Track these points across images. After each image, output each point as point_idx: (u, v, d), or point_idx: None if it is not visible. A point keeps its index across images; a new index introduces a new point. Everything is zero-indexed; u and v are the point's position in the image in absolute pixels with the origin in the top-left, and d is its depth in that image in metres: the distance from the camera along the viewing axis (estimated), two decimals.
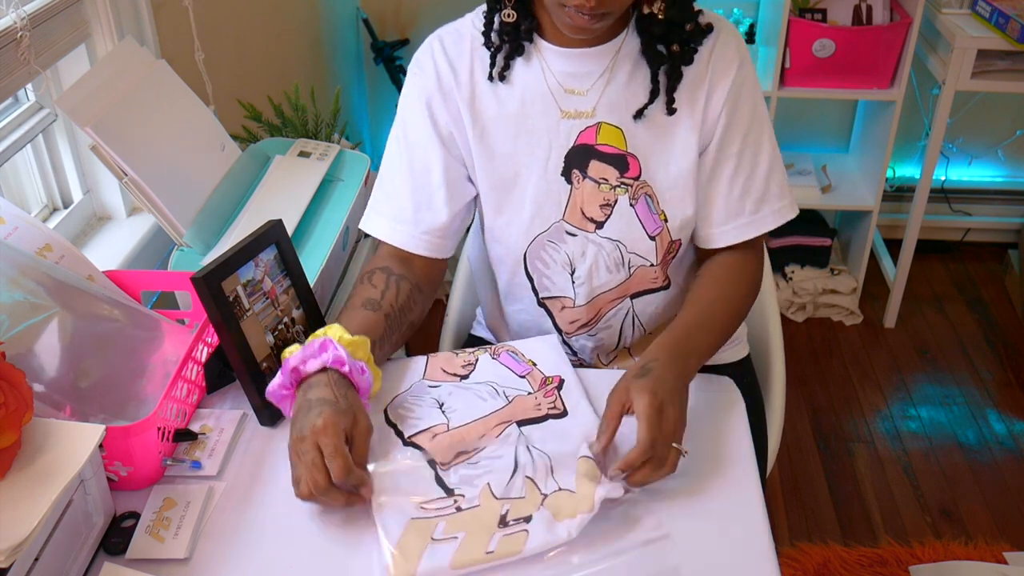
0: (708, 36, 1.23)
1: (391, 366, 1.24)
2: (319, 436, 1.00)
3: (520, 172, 1.27)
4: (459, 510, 1.01)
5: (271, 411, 1.16)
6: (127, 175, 1.33)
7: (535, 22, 1.24)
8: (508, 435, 1.11)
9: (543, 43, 1.24)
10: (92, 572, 0.98)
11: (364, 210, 1.34)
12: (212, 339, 1.20)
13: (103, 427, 0.95)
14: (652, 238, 1.27)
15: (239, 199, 1.49)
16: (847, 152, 3.03)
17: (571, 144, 1.25)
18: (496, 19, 1.23)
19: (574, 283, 1.31)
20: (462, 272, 1.60)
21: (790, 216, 1.30)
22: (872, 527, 2.16)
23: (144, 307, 1.23)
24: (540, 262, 1.31)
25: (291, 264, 1.22)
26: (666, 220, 1.27)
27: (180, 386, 1.12)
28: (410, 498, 1.03)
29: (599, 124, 1.24)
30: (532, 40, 1.25)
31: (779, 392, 1.53)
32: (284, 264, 1.22)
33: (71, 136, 1.54)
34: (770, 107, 2.55)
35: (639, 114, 1.23)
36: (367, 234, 1.33)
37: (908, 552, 2.06)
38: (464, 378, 1.22)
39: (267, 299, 1.19)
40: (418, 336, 1.33)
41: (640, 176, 1.25)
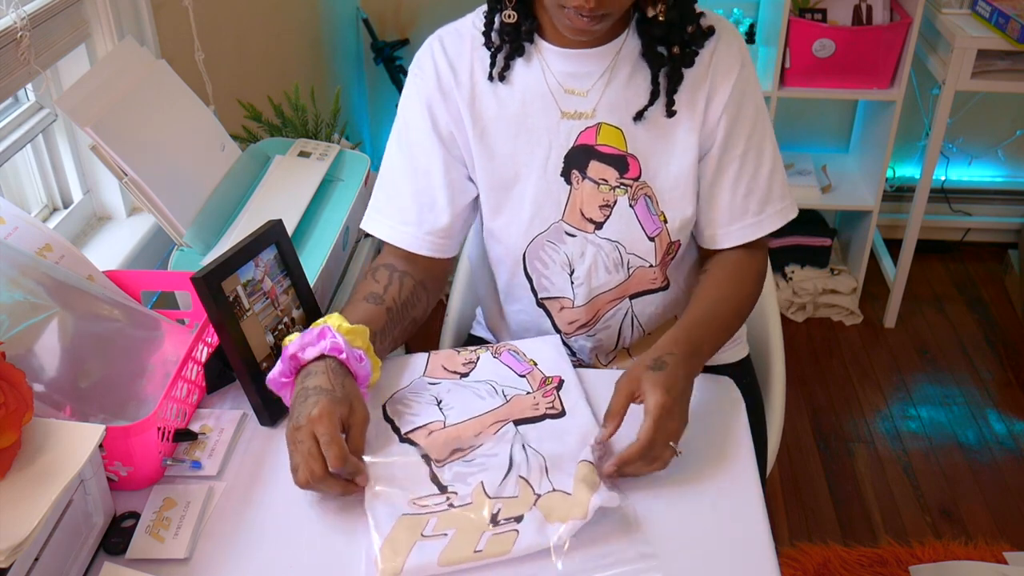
0: (709, 38, 1.23)
1: (392, 362, 1.24)
2: (315, 425, 1.01)
3: (520, 172, 1.27)
4: (451, 507, 1.01)
5: (271, 411, 1.16)
6: (127, 175, 1.33)
7: (535, 23, 1.24)
8: (504, 434, 1.11)
9: (543, 43, 1.24)
10: (92, 572, 0.98)
11: (364, 210, 1.34)
12: (212, 339, 1.20)
13: (103, 427, 0.95)
14: (651, 239, 1.27)
15: (239, 199, 1.49)
16: (847, 152, 3.03)
17: (571, 144, 1.25)
18: (496, 19, 1.23)
19: (573, 283, 1.31)
20: (462, 272, 1.60)
21: (792, 216, 1.30)
22: (872, 527, 2.16)
23: (144, 307, 1.23)
24: (539, 262, 1.31)
25: (291, 264, 1.22)
26: (665, 221, 1.27)
27: (180, 386, 1.12)
28: (403, 493, 1.03)
29: (599, 125, 1.24)
30: (532, 40, 1.25)
31: (779, 392, 1.53)
32: (284, 264, 1.22)
33: (71, 136, 1.54)
34: (770, 107, 2.55)
35: (639, 116, 1.23)
36: (367, 234, 1.33)
37: (908, 552, 2.06)
38: (464, 376, 1.22)
39: (267, 299, 1.19)
40: (418, 336, 1.33)
41: (640, 177, 1.25)
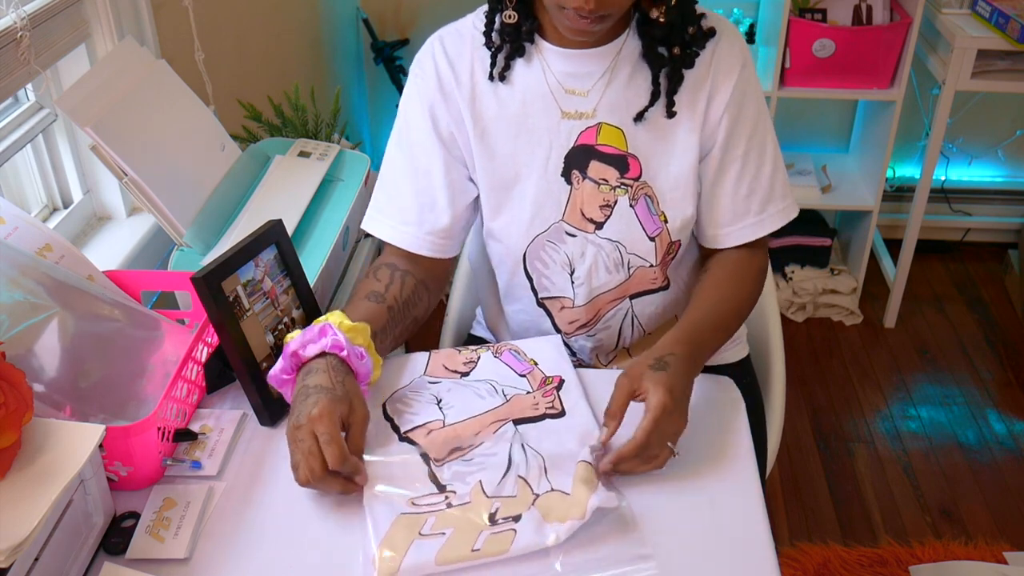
0: (710, 40, 1.23)
1: (393, 361, 1.24)
2: (315, 424, 1.01)
3: (520, 172, 1.27)
4: (450, 506, 1.01)
5: (271, 411, 1.16)
6: (127, 175, 1.33)
7: (536, 23, 1.24)
8: (504, 433, 1.12)
9: (544, 43, 1.24)
10: (92, 572, 0.98)
11: (364, 210, 1.34)
12: (212, 339, 1.20)
13: (103, 427, 0.95)
14: (652, 239, 1.27)
15: (239, 199, 1.49)
16: (847, 152, 3.03)
17: (571, 144, 1.25)
18: (497, 19, 1.23)
19: (573, 283, 1.31)
20: (462, 272, 1.60)
21: (793, 215, 1.30)
22: (872, 527, 2.16)
23: (144, 307, 1.23)
24: (539, 262, 1.31)
25: (291, 264, 1.22)
26: (666, 221, 1.27)
27: (180, 386, 1.12)
28: (402, 492, 1.03)
29: (599, 125, 1.24)
30: (533, 41, 1.25)
31: (779, 392, 1.53)
32: (284, 264, 1.22)
33: (71, 136, 1.54)
34: (770, 107, 2.55)
35: (639, 116, 1.23)
36: (368, 234, 1.33)
37: (908, 552, 2.06)
38: (465, 375, 1.22)
39: (267, 299, 1.19)
40: (418, 335, 1.33)
41: (640, 177, 1.25)
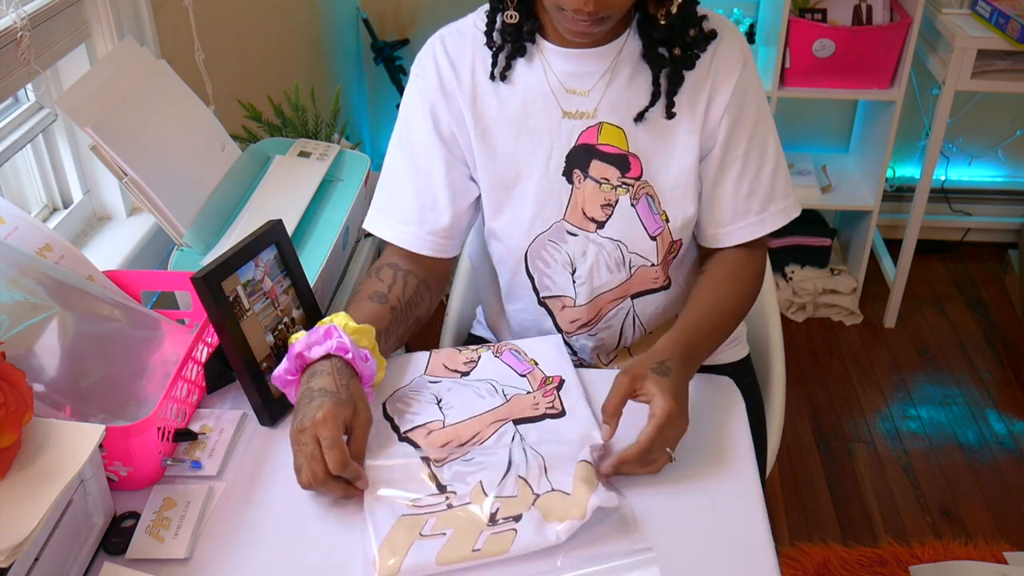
0: (711, 41, 1.22)
1: (393, 361, 1.24)
2: (318, 428, 1.01)
3: (521, 172, 1.27)
4: (450, 507, 1.01)
5: (271, 411, 1.16)
6: (127, 175, 1.33)
7: (537, 23, 1.24)
8: (504, 433, 1.12)
9: (545, 43, 1.24)
10: (92, 572, 0.98)
11: (364, 210, 1.34)
12: (212, 339, 1.20)
13: (103, 427, 0.95)
14: (653, 238, 1.27)
15: (239, 199, 1.49)
16: (847, 152, 3.03)
17: (572, 144, 1.25)
18: (498, 19, 1.23)
19: (575, 283, 1.31)
20: (462, 271, 1.60)
21: (795, 214, 1.30)
22: (872, 527, 2.16)
23: (144, 307, 1.23)
24: (541, 261, 1.31)
25: (291, 264, 1.22)
26: (667, 220, 1.27)
27: (180, 386, 1.12)
28: (402, 494, 1.03)
29: (600, 124, 1.24)
30: (534, 40, 1.24)
31: (779, 392, 1.53)
32: (284, 264, 1.22)
33: (71, 136, 1.54)
34: (770, 107, 2.55)
35: (640, 117, 1.23)
36: (367, 234, 1.33)
37: (908, 552, 2.06)
38: (465, 375, 1.22)
39: (267, 299, 1.19)
40: (418, 335, 1.33)
41: (641, 176, 1.25)
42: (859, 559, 2.04)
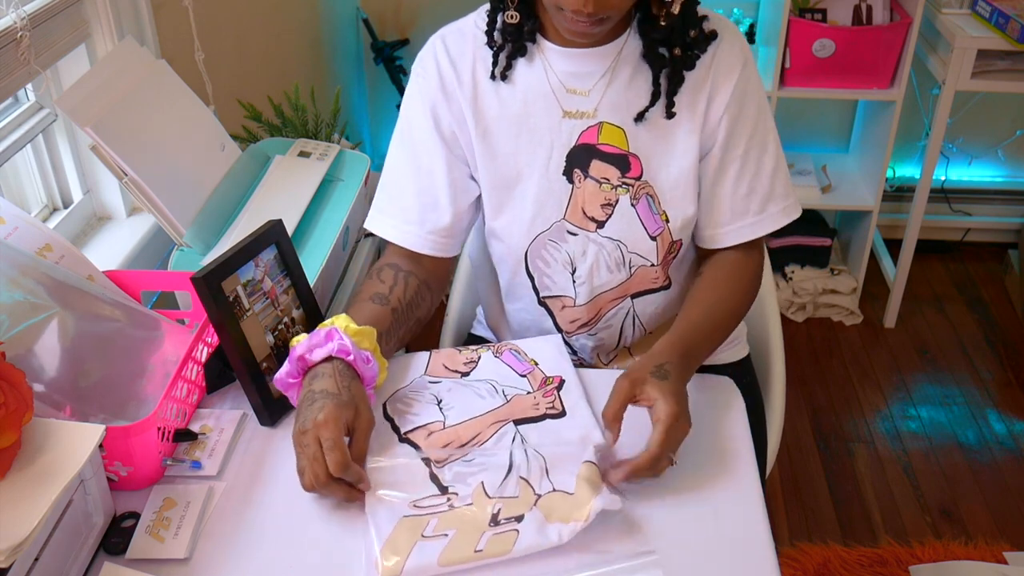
0: (712, 42, 1.22)
1: (393, 361, 1.24)
2: (320, 430, 1.01)
3: (522, 171, 1.27)
4: (452, 508, 1.01)
5: (271, 411, 1.16)
6: (127, 175, 1.33)
7: (538, 22, 1.24)
8: (504, 434, 1.12)
9: (545, 43, 1.24)
10: (92, 572, 0.98)
11: (364, 210, 1.34)
12: (212, 339, 1.20)
13: (103, 427, 0.95)
14: (653, 238, 1.27)
15: (239, 199, 1.49)
16: (847, 152, 3.03)
17: (573, 144, 1.25)
18: (499, 19, 1.23)
19: (575, 282, 1.31)
20: (463, 271, 1.60)
21: (794, 215, 1.30)
22: (872, 527, 2.16)
23: (144, 307, 1.23)
24: (541, 261, 1.31)
25: (291, 264, 1.22)
26: (667, 220, 1.27)
27: (180, 386, 1.12)
28: (404, 495, 1.03)
29: (601, 124, 1.24)
30: (535, 40, 1.24)
31: (779, 392, 1.52)
32: (284, 264, 1.22)
33: (71, 136, 1.54)
34: (770, 107, 2.55)
35: (640, 117, 1.23)
36: (367, 234, 1.33)
37: (908, 552, 2.06)
38: (465, 375, 1.22)
39: (267, 299, 1.19)
40: (418, 335, 1.33)
41: (641, 176, 1.25)
42: (859, 559, 2.04)
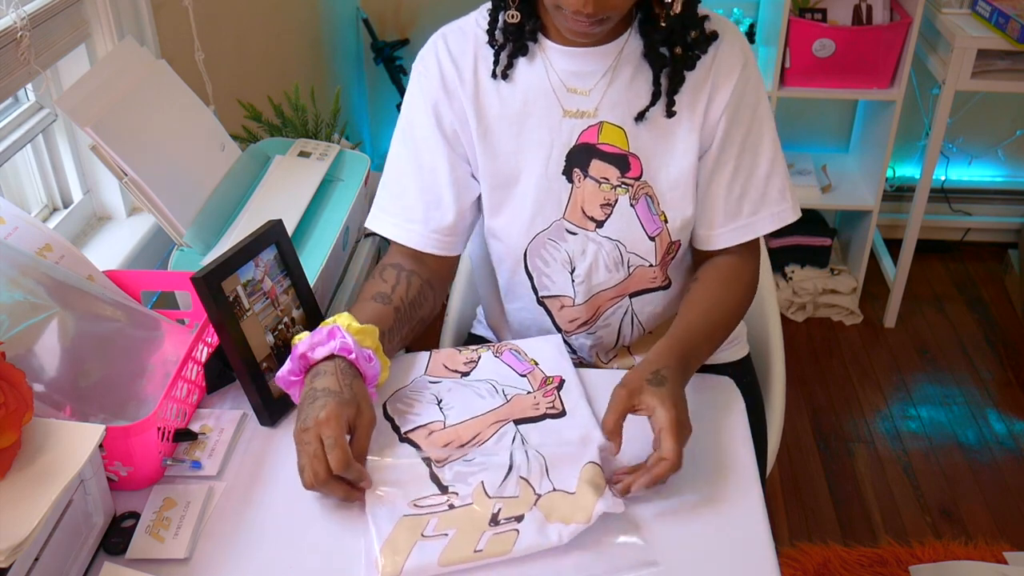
0: (712, 43, 1.22)
1: (394, 361, 1.24)
2: (321, 428, 1.01)
3: (522, 170, 1.27)
4: (452, 507, 1.01)
5: (271, 411, 1.16)
6: (127, 175, 1.33)
7: (539, 22, 1.24)
8: (504, 433, 1.12)
9: (547, 42, 1.24)
10: (92, 572, 0.98)
11: (364, 210, 1.34)
12: (212, 339, 1.20)
13: (103, 427, 0.95)
14: (652, 239, 1.27)
15: (239, 199, 1.49)
16: (847, 152, 3.03)
17: (573, 143, 1.25)
18: (500, 18, 1.23)
19: (574, 282, 1.31)
20: (462, 271, 1.60)
21: (790, 219, 1.29)
22: (872, 527, 2.16)
23: (144, 307, 1.23)
24: (540, 260, 1.31)
25: (291, 264, 1.22)
26: (666, 221, 1.27)
27: (180, 386, 1.12)
28: (404, 494, 1.03)
29: (601, 123, 1.24)
30: (536, 39, 1.24)
31: (779, 392, 1.52)
32: (284, 264, 1.22)
33: (71, 136, 1.54)
34: (771, 109, 2.55)
35: (640, 116, 1.23)
36: (367, 234, 1.33)
37: (908, 552, 2.06)
38: (465, 375, 1.22)
39: (267, 299, 1.19)
40: (419, 334, 1.33)
41: (641, 176, 1.25)
42: (859, 559, 2.04)
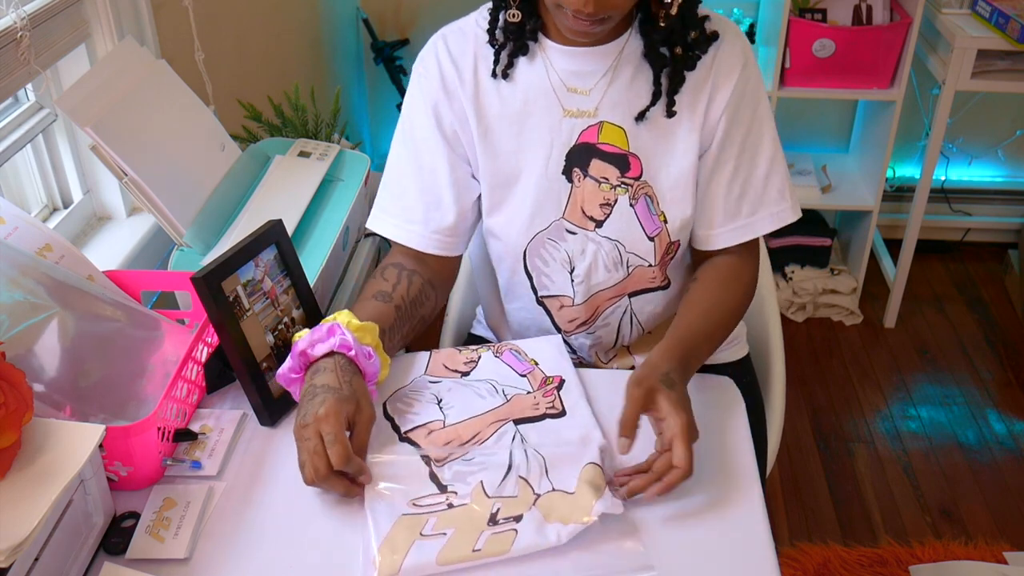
0: (713, 43, 1.22)
1: (394, 360, 1.24)
2: (321, 424, 1.01)
3: (522, 170, 1.27)
4: (451, 507, 1.01)
5: (271, 411, 1.16)
6: (127, 175, 1.33)
7: (539, 21, 1.24)
8: (504, 433, 1.12)
9: (547, 41, 1.24)
10: (92, 572, 0.98)
11: (364, 210, 1.34)
12: (212, 339, 1.20)
13: (103, 427, 0.95)
14: (651, 239, 1.27)
15: (239, 199, 1.49)
16: (847, 152, 3.03)
17: (573, 142, 1.25)
18: (501, 18, 1.23)
19: (573, 281, 1.31)
20: (463, 270, 1.60)
21: (789, 220, 1.29)
22: (872, 527, 2.16)
23: (144, 307, 1.23)
24: (540, 260, 1.31)
25: (291, 264, 1.22)
26: (665, 221, 1.27)
27: (180, 386, 1.12)
28: (404, 493, 1.03)
29: (601, 123, 1.24)
30: (536, 39, 1.24)
31: (779, 392, 1.52)
32: (284, 264, 1.22)
33: (71, 136, 1.54)
34: (771, 110, 2.55)
35: (641, 116, 1.23)
36: (367, 234, 1.33)
37: (908, 552, 2.06)
38: (465, 375, 1.22)
39: (267, 299, 1.19)
40: (420, 334, 1.33)
41: (641, 176, 1.25)
42: (859, 559, 2.04)
